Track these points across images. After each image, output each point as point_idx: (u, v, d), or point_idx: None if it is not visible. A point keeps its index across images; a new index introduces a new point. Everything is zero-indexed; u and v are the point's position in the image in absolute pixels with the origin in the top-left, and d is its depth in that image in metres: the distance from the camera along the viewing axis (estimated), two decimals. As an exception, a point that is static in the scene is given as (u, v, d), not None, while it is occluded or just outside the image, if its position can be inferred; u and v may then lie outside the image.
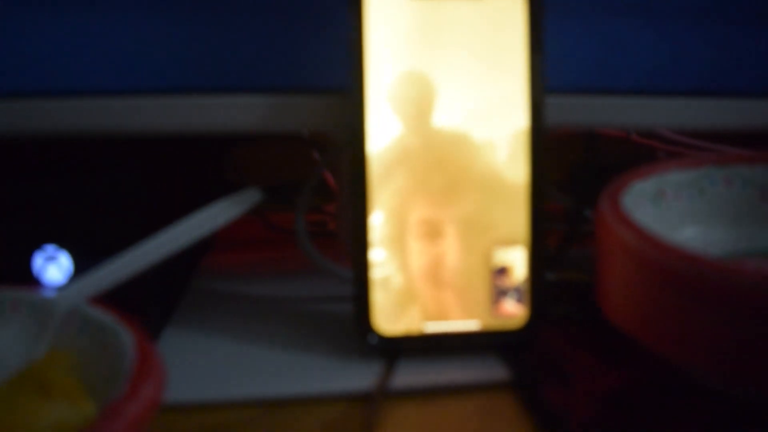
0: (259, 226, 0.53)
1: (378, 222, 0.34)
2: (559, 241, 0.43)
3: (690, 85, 0.38)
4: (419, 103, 0.34)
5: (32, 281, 0.37)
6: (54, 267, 0.37)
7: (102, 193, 0.37)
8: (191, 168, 0.41)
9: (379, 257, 0.34)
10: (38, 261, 0.37)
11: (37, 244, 0.37)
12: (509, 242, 0.35)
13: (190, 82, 0.35)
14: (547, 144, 0.35)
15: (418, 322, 0.35)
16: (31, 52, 0.35)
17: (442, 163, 0.34)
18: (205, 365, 0.35)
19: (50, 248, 0.37)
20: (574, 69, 0.37)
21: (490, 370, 0.34)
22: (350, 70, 0.33)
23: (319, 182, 0.41)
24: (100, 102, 0.35)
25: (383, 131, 0.34)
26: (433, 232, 0.34)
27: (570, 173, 0.47)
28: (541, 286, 0.35)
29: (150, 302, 0.37)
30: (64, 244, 0.37)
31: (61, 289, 0.32)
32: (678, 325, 0.28)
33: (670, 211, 0.37)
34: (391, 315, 0.35)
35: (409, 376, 0.34)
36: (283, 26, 0.35)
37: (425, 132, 0.34)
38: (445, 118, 0.34)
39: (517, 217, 0.35)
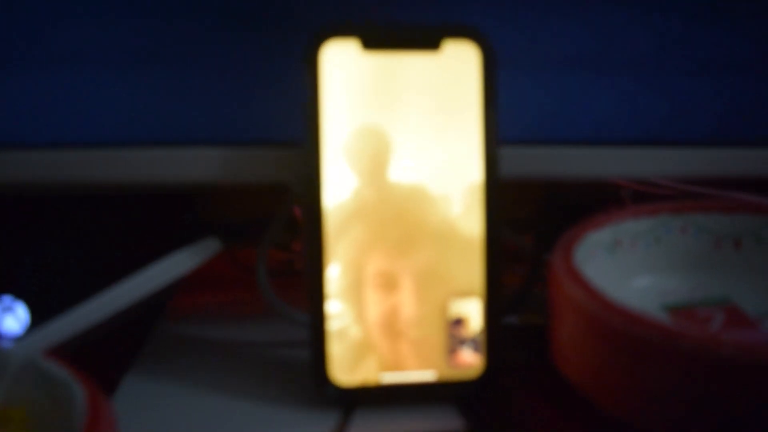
0: (227, 263, 0.53)
1: (335, 274, 0.34)
2: (521, 283, 0.44)
3: (643, 135, 0.39)
4: (375, 157, 0.34)
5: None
6: (11, 318, 0.37)
7: (60, 245, 0.37)
8: (152, 216, 0.42)
9: (335, 308, 0.35)
10: (-5, 311, 0.37)
11: (-6, 295, 0.37)
12: (465, 293, 0.35)
13: (149, 135, 0.36)
14: (508, 185, 0.35)
15: (374, 372, 0.35)
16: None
17: (398, 216, 0.34)
18: (162, 417, 0.35)
19: (7, 299, 0.37)
20: (527, 121, 0.38)
21: (446, 421, 0.34)
22: (306, 125, 0.33)
23: (289, 220, 0.41)
24: (61, 154, 0.35)
25: (339, 184, 0.34)
26: (389, 283, 0.35)
27: (532, 213, 0.47)
28: (497, 336, 0.35)
29: (107, 354, 0.37)
30: (20, 294, 0.37)
31: (17, 340, 0.32)
32: (623, 382, 0.28)
33: (627, 259, 0.37)
34: (347, 366, 0.35)
35: (365, 426, 0.34)
36: (242, 81, 0.36)
37: (381, 185, 0.34)
38: (400, 172, 0.34)
39: (473, 268, 0.35)
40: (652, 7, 0.37)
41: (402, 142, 0.34)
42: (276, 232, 0.40)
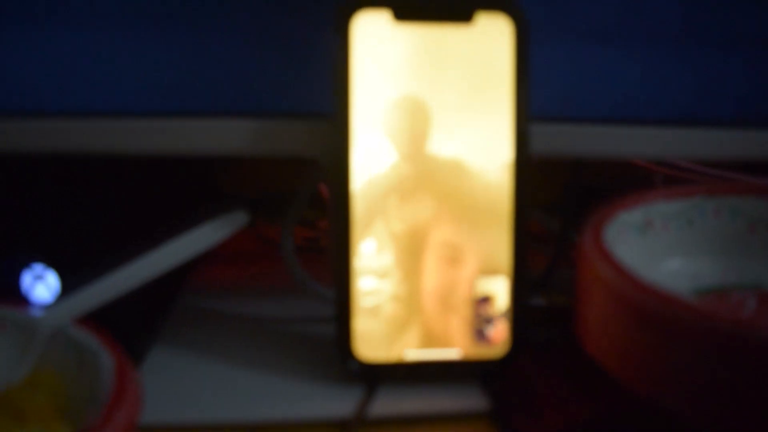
0: (251, 238, 0.53)
1: (369, 249, 0.34)
2: (546, 263, 0.43)
3: (672, 114, 0.38)
4: (415, 129, 0.34)
5: (20, 299, 0.37)
6: (42, 286, 0.38)
7: (90, 213, 0.38)
8: (181, 185, 0.42)
9: (365, 284, 0.34)
10: (26, 279, 0.38)
11: (25, 263, 0.37)
12: (492, 271, 0.35)
13: (179, 105, 0.35)
14: (536, 166, 0.35)
15: (399, 349, 0.35)
16: (19, 73, 0.35)
17: (436, 190, 0.34)
18: (187, 387, 0.35)
19: (38, 267, 0.37)
20: (548, 96, 0.37)
21: (470, 399, 0.34)
22: (335, 96, 0.33)
23: (314, 195, 0.41)
24: (89, 122, 0.35)
25: (369, 158, 0.34)
26: (439, 257, 0.34)
27: (559, 194, 0.46)
28: (522, 315, 0.35)
29: (135, 323, 0.37)
30: (51, 263, 0.37)
31: (47, 308, 0.32)
32: (651, 362, 0.28)
33: (658, 241, 0.36)
34: (372, 342, 0.35)
35: (388, 403, 0.34)
36: (271, 51, 0.35)
37: (419, 159, 0.34)
38: (436, 145, 0.34)
39: (501, 246, 0.35)
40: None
41: (436, 115, 0.34)
42: (301, 207, 0.40)
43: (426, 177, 0.34)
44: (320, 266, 0.41)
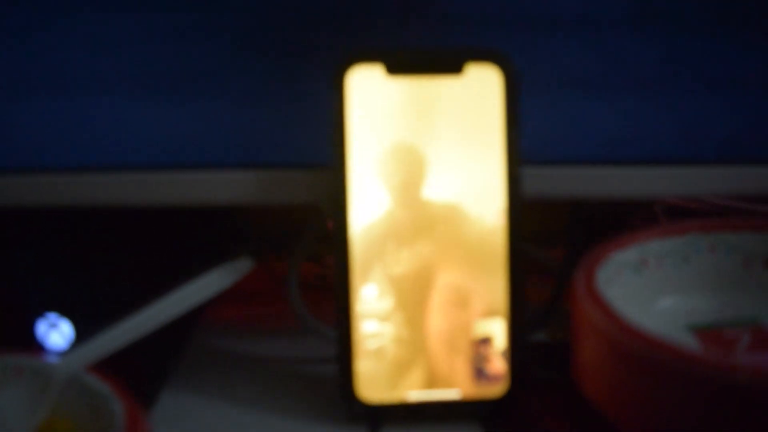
0: (262, 276, 0.54)
1: (370, 293, 0.35)
2: (547, 299, 0.44)
3: (652, 154, 0.39)
4: (409, 174, 0.35)
5: (36, 346, 0.39)
6: (56, 333, 0.39)
7: (102, 264, 0.39)
8: (189, 233, 0.43)
9: (362, 327, 0.35)
10: (41, 327, 0.39)
11: (40, 312, 0.39)
12: (490, 313, 0.36)
13: (184, 158, 0.37)
14: (538, 203, 0.36)
15: (402, 390, 0.36)
16: (43, 132, 0.37)
17: (433, 235, 0.35)
18: (197, 429, 0.37)
19: (52, 316, 0.39)
20: (535, 141, 0.38)
21: (472, 439, 0.35)
22: (333, 147, 0.35)
23: (324, 233, 0.42)
24: (99, 177, 0.37)
25: (368, 205, 0.35)
26: (420, 301, 0.35)
27: (560, 228, 0.47)
28: (521, 355, 0.36)
29: (146, 367, 0.39)
30: (65, 312, 0.39)
31: (62, 355, 0.33)
32: (643, 405, 0.28)
33: (653, 279, 0.37)
34: (374, 383, 0.36)
35: (391, 443, 0.35)
36: (269, 105, 0.37)
37: (413, 204, 0.35)
38: (430, 191, 0.35)
39: (498, 288, 0.35)
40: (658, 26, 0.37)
41: (429, 161, 0.35)
42: (308, 245, 0.41)
43: (422, 222, 0.35)
44: (328, 303, 0.42)
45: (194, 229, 0.43)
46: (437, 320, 0.36)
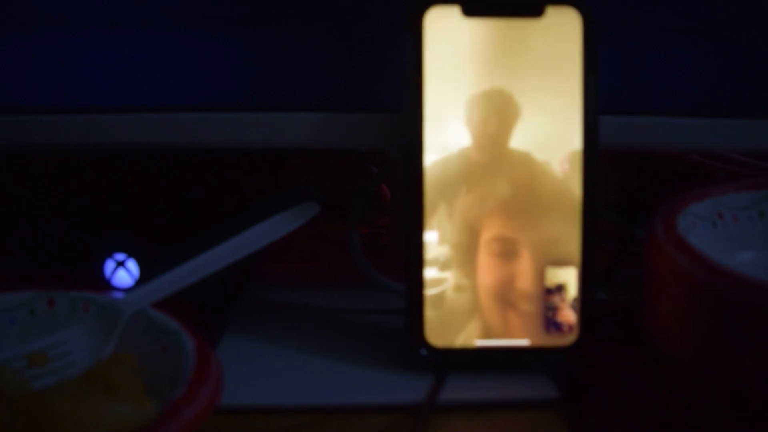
0: (312, 237, 0.54)
1: (437, 239, 0.35)
2: (609, 260, 0.43)
3: (718, 106, 0.38)
4: (502, 124, 0.34)
5: (104, 285, 0.39)
6: (123, 272, 0.39)
7: (168, 205, 0.39)
8: (252, 180, 0.43)
9: (432, 273, 0.35)
10: (109, 267, 0.40)
11: (108, 252, 0.39)
12: (562, 262, 0.35)
13: (253, 99, 0.37)
14: (602, 162, 0.35)
15: (469, 337, 0.35)
16: (113, 71, 0.37)
17: (509, 182, 0.35)
18: (260, 372, 0.36)
19: (120, 256, 0.39)
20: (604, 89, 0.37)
21: (539, 388, 0.34)
22: (407, 91, 0.34)
23: (373, 196, 0.42)
24: (169, 117, 0.37)
25: (438, 150, 0.34)
26: (506, 251, 0.35)
27: (623, 192, 0.46)
28: (591, 305, 0.35)
29: (209, 309, 0.39)
30: (132, 252, 0.39)
31: (129, 292, 0.33)
32: (728, 351, 0.28)
33: (728, 233, 0.36)
34: (442, 329, 0.35)
35: (458, 390, 0.34)
36: (342, 47, 0.36)
37: (495, 151, 0.34)
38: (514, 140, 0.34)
39: (571, 237, 0.35)
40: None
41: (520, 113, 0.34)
42: (365, 203, 0.41)
43: (499, 169, 0.34)
44: (380, 262, 0.42)
45: (260, 173, 0.42)
46: (485, 273, 0.35)
